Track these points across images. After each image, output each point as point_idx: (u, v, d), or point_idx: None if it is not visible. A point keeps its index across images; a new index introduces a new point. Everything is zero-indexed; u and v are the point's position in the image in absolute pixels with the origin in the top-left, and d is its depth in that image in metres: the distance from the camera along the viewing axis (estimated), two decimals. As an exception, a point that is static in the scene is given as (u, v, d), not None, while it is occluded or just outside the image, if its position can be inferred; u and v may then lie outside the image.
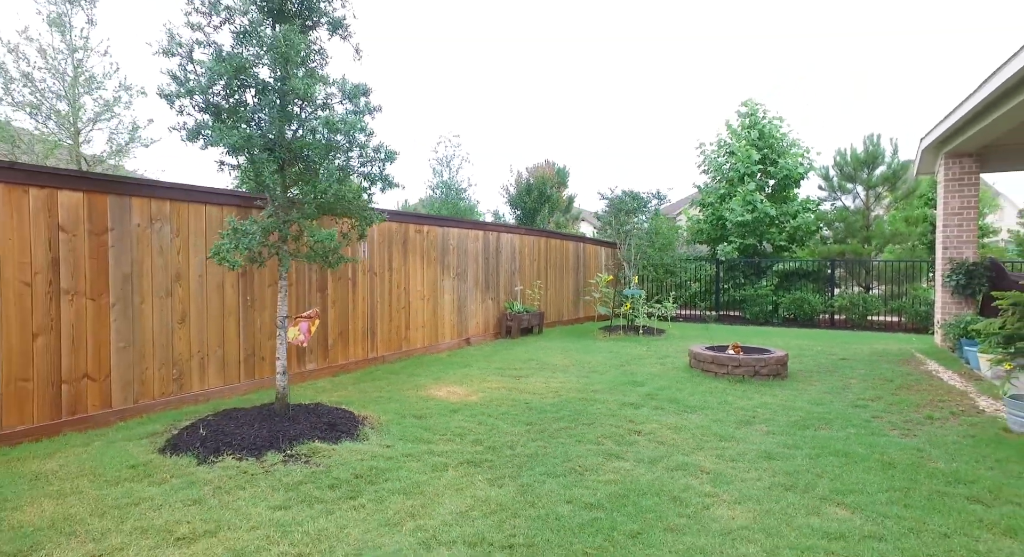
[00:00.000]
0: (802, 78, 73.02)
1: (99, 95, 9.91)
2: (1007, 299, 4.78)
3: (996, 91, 6.67)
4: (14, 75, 9.35)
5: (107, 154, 10.30)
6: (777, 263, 14.99)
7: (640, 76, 76.58)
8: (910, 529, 3.19)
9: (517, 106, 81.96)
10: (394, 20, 46.19)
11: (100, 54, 9.79)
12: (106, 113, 9.98)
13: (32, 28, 10.91)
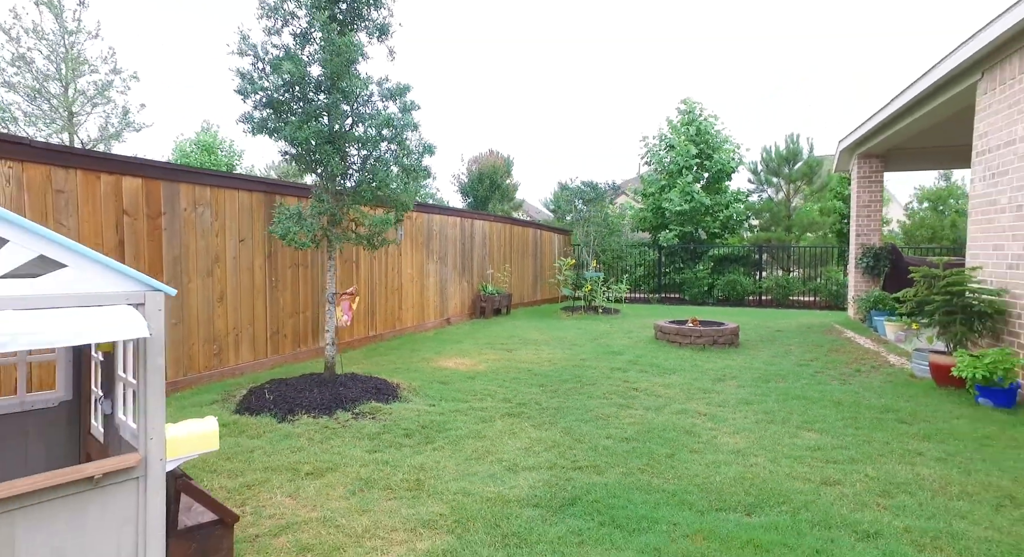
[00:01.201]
0: (805, 79, 77.05)
1: (93, 79, 9.61)
2: (919, 273, 6.08)
3: (900, 108, 8.10)
4: (6, 58, 8.94)
5: (100, 138, 10.01)
6: (712, 249, 16.54)
7: (583, 75, 78.64)
8: (863, 441, 4.28)
9: (462, 98, 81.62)
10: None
11: (92, 36, 9.45)
12: (99, 97, 9.69)
13: (22, 7, 10.24)
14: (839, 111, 54.65)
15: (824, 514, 3.09)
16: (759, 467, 3.79)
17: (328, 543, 2.78)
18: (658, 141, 17.93)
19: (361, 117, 4.84)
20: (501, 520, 3.02)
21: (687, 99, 17.43)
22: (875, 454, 4.03)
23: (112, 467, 2.15)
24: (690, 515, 3.08)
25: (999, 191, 5.93)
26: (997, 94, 6.02)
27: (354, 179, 5.06)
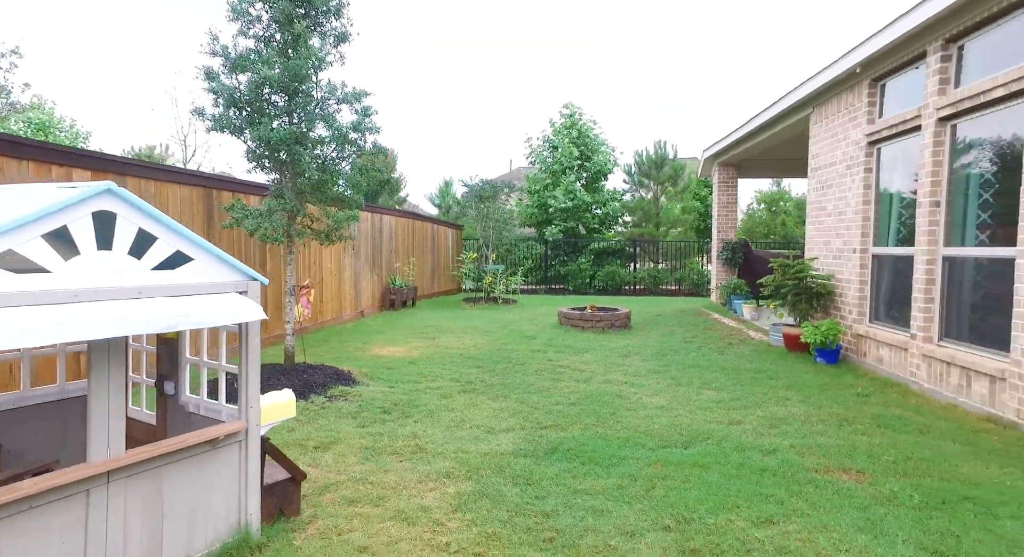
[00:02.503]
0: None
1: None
2: (777, 263, 7.64)
3: (751, 130, 9.86)
4: None
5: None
6: (592, 243, 18.14)
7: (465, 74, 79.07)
8: (748, 393, 5.52)
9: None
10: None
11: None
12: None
13: None
14: (701, 119, 61.18)
15: (737, 442, 4.15)
16: (682, 417, 4.82)
17: (371, 495, 3.27)
18: (542, 142, 19.19)
19: (324, 119, 5.16)
20: (504, 467, 3.69)
21: (569, 103, 18.86)
22: (759, 401, 5.27)
23: (228, 431, 2.53)
24: (645, 452, 3.98)
25: (826, 199, 7.64)
26: (823, 125, 7.73)
27: (314, 178, 5.35)
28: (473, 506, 3.14)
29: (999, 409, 4.56)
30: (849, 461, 3.79)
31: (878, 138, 6.42)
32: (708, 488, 3.35)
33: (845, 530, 2.87)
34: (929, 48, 5.48)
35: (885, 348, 6.17)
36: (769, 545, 2.72)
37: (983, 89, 4.81)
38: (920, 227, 5.58)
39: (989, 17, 4.82)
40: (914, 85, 5.83)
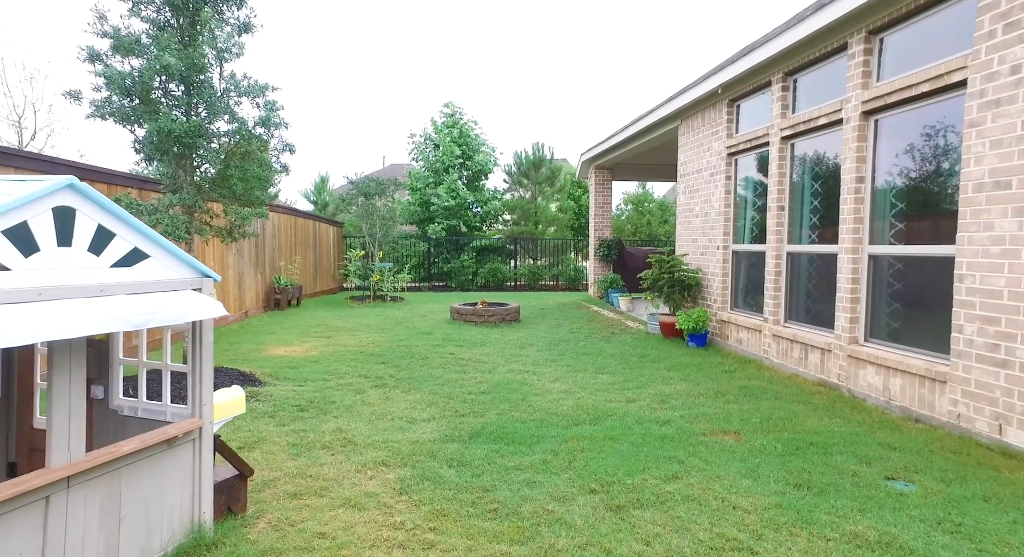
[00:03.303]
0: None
1: None
2: (655, 258, 8.52)
3: (625, 138, 10.82)
4: None
5: None
6: (474, 241, 18.55)
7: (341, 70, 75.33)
8: (637, 375, 6.19)
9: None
10: None
11: None
12: None
13: None
14: (577, 123, 64.42)
15: (636, 417, 4.72)
16: (584, 398, 5.33)
17: (312, 487, 3.34)
18: (423, 139, 19.22)
19: (229, 112, 4.96)
20: (435, 453, 3.91)
21: (450, 103, 19.09)
22: (647, 382, 5.95)
23: (185, 429, 2.51)
24: (560, 430, 4.40)
25: (694, 202, 8.67)
26: (690, 136, 8.76)
27: (215, 173, 5.12)
28: (416, 488, 3.33)
29: (827, 375, 5.60)
30: (727, 425, 4.49)
31: (736, 150, 7.45)
32: (621, 456, 3.83)
33: (732, 477, 3.47)
34: (773, 78, 6.50)
35: (744, 331, 7.20)
36: (678, 495, 3.24)
37: (812, 116, 5.85)
38: (770, 228, 6.61)
39: (812, 60, 5.87)
40: (763, 107, 6.87)
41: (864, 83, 5.14)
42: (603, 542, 2.74)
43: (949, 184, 4.49)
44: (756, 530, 2.84)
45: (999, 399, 3.93)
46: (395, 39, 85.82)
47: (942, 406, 4.36)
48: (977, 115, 4.10)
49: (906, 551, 2.65)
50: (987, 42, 4.04)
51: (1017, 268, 3.81)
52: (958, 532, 2.84)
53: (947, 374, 4.30)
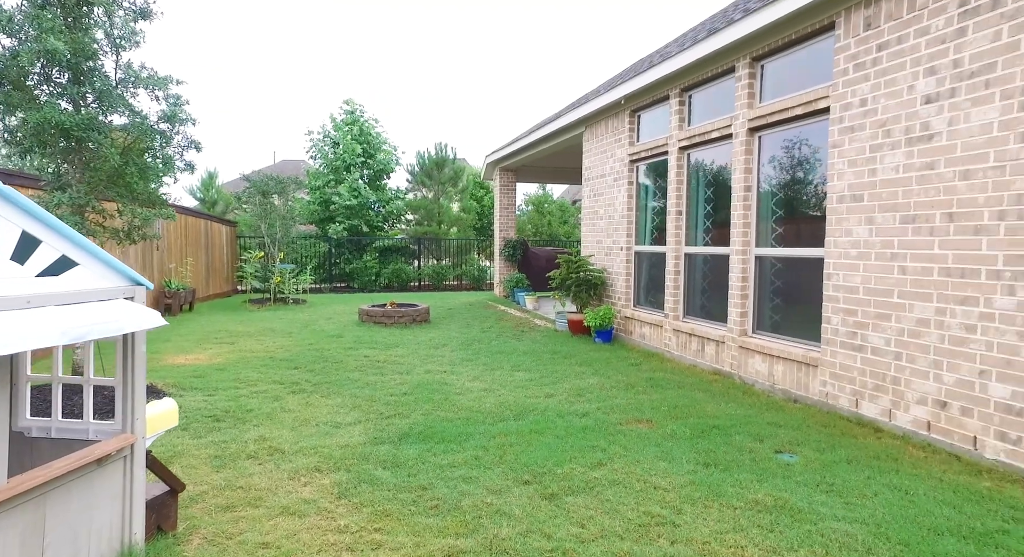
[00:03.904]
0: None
1: None
2: (563, 259, 8.90)
3: (530, 142, 11.19)
4: None
5: None
6: (377, 241, 18.22)
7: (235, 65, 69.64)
8: (551, 371, 6.50)
9: None
10: None
11: None
12: None
13: None
14: (479, 124, 64.50)
15: (557, 411, 4.99)
16: (505, 395, 5.52)
17: (244, 498, 3.25)
18: (322, 137, 18.57)
19: (125, 105, 4.61)
20: (367, 455, 3.92)
21: (350, 100, 18.57)
22: (562, 377, 6.26)
23: (117, 446, 2.39)
24: (486, 427, 4.56)
25: (599, 205, 9.18)
26: (595, 143, 9.25)
27: (107, 170, 4.73)
28: (354, 491, 3.35)
29: (721, 364, 6.21)
30: (640, 414, 4.88)
31: (637, 158, 7.99)
32: (548, 448, 4.06)
33: (650, 461, 3.82)
34: (671, 93, 7.08)
35: (647, 326, 7.76)
36: (605, 480, 3.51)
37: (706, 130, 6.46)
38: (669, 230, 7.19)
39: (706, 79, 6.47)
40: (663, 119, 7.44)
41: (750, 103, 5.76)
42: (542, 528, 2.94)
43: (818, 195, 5.18)
44: (676, 505, 3.17)
45: (856, 378, 4.61)
46: (287, 32, 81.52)
47: (814, 387, 5.02)
48: (838, 138, 4.77)
49: (795, 511, 3.09)
50: (842, 78, 4.71)
51: (869, 268, 4.49)
52: (831, 491, 3.35)
53: (819, 359, 4.96)
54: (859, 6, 4.54)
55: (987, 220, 3.71)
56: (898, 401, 4.27)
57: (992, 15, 3.68)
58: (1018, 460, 3.55)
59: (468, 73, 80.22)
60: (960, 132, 3.84)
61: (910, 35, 4.16)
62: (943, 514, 3.08)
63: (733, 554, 2.69)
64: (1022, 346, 3.52)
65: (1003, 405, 3.62)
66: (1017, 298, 3.56)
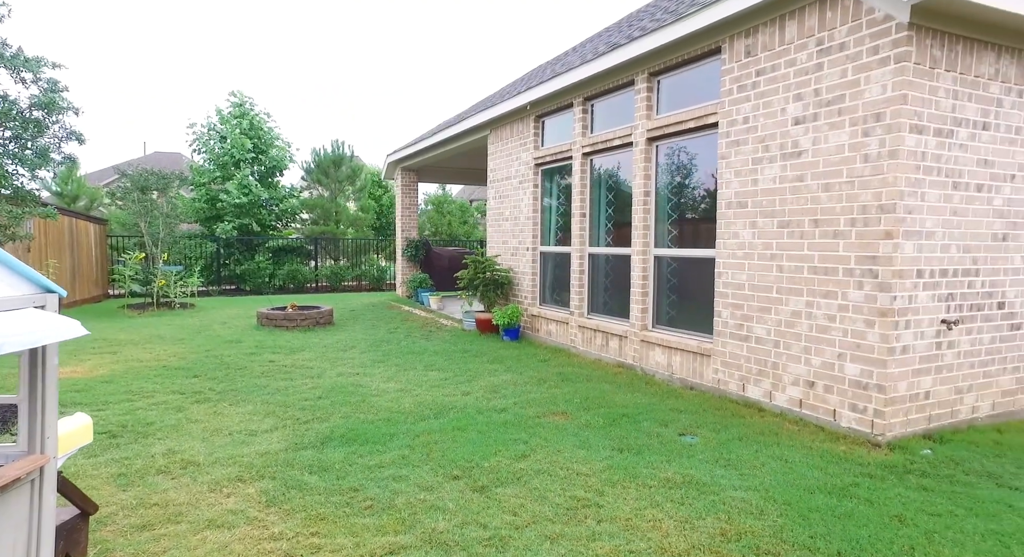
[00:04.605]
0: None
1: None
2: (471, 260, 9.05)
3: (433, 143, 11.25)
4: None
5: None
6: (270, 240, 17.32)
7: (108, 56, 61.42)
8: (464, 370, 6.63)
9: None
10: None
11: None
12: None
13: None
14: (378, 123, 62.27)
15: (475, 407, 5.14)
16: (422, 395, 5.59)
17: (162, 516, 3.09)
18: (207, 130, 17.34)
19: None
20: (291, 461, 3.85)
21: (237, 91, 17.48)
22: (476, 375, 6.42)
23: (27, 469, 2.22)
24: (408, 426, 4.62)
25: (504, 207, 9.43)
26: (500, 146, 9.50)
27: None
28: (283, 498, 3.30)
29: (624, 358, 6.68)
30: (555, 407, 5.16)
31: (542, 162, 8.33)
32: (472, 444, 4.20)
33: (570, 450, 4.08)
34: (575, 101, 7.47)
35: (553, 324, 8.11)
36: (530, 471, 3.72)
37: (608, 138, 6.90)
38: (574, 232, 7.57)
39: (607, 90, 6.91)
40: (567, 125, 7.82)
41: (648, 115, 6.24)
42: (477, 519, 3.08)
43: (709, 201, 5.74)
44: (598, 489, 3.44)
45: (743, 365, 5.19)
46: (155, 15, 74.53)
47: (708, 375, 5.57)
48: (726, 150, 5.33)
49: (700, 484, 3.47)
50: (728, 97, 5.27)
51: (752, 267, 5.08)
52: (728, 465, 3.79)
53: (711, 350, 5.51)
54: (740, 35, 5.11)
55: (843, 226, 4.35)
56: (777, 383, 4.88)
57: (840, 55, 4.32)
58: (864, 426, 4.21)
59: (366, 71, 77.98)
60: (822, 151, 4.47)
61: (781, 65, 4.76)
62: (813, 476, 3.61)
63: (652, 527, 2.99)
64: (868, 332, 4.18)
65: (854, 382, 4.27)
66: (864, 292, 4.21)
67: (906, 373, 4.19)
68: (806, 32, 4.56)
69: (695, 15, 5.24)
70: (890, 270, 4.07)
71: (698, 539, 2.86)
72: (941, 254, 4.30)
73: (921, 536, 2.91)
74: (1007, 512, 3.20)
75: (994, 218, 4.57)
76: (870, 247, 4.17)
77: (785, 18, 4.72)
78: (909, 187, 4.08)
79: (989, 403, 4.70)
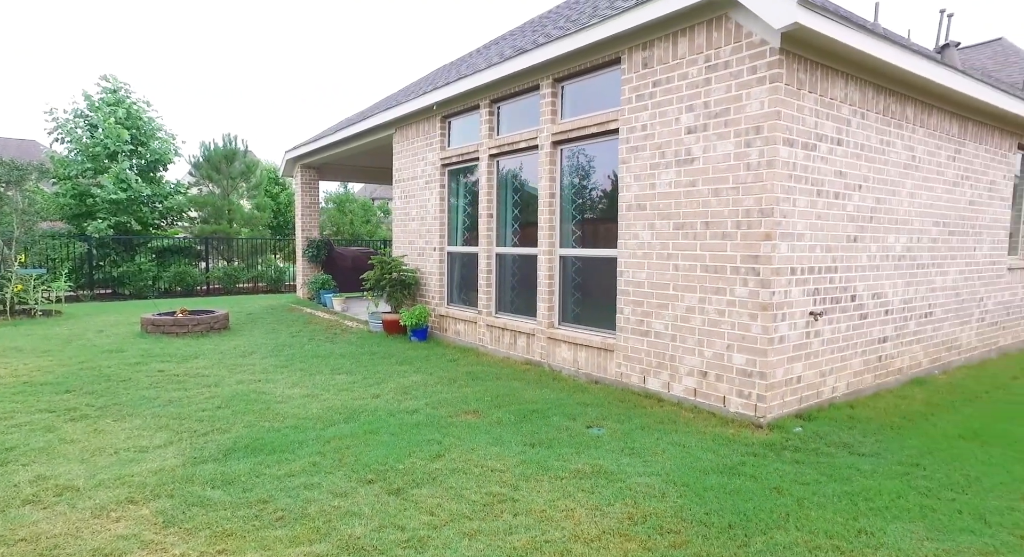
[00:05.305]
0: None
1: None
2: (377, 260, 8.87)
3: (336, 140, 10.94)
4: None
5: None
6: (152, 240, 15.97)
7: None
8: (372, 372, 6.52)
9: None
10: None
11: None
12: None
13: None
14: (275, 117, 58.54)
15: (387, 410, 5.08)
16: (330, 399, 5.44)
17: (35, 550, 2.81)
18: (73, 117, 15.66)
19: None
20: (190, 477, 3.62)
21: (110, 76, 15.91)
22: (385, 377, 6.33)
23: None
24: (318, 432, 4.49)
25: (411, 207, 9.34)
26: (406, 145, 9.40)
27: None
28: (184, 517, 3.11)
29: (532, 355, 6.87)
30: (466, 405, 5.22)
31: (449, 162, 8.34)
32: (385, 446, 4.17)
33: (484, 447, 4.16)
34: (482, 103, 7.56)
35: (461, 323, 8.16)
36: (446, 470, 3.75)
37: (514, 140, 7.05)
38: (481, 232, 7.67)
39: (514, 93, 7.06)
40: (474, 126, 7.89)
41: (553, 119, 6.46)
42: (395, 521, 3.08)
43: (612, 203, 6.04)
44: (513, 483, 3.54)
45: (643, 359, 5.52)
46: None
47: (611, 369, 5.87)
48: (626, 155, 5.64)
49: (608, 473, 3.68)
50: (628, 105, 5.59)
51: (652, 266, 5.42)
52: (633, 454, 4.04)
53: (614, 345, 5.81)
54: (638, 48, 5.43)
55: (730, 228, 4.77)
56: (674, 374, 5.24)
57: (725, 72, 4.73)
58: (749, 410, 4.65)
59: (260, 64, 73.55)
60: (711, 158, 4.86)
61: (675, 77, 5.13)
62: (707, 458, 3.94)
63: (565, 516, 3.13)
64: (752, 324, 4.62)
65: (740, 370, 4.70)
66: (748, 288, 4.64)
67: (782, 360, 4.67)
68: (696, 49, 4.94)
69: (596, 26, 5.50)
70: (769, 268, 4.51)
71: (608, 524, 3.05)
72: (809, 254, 4.83)
73: (794, 503, 3.28)
74: (856, 475, 3.68)
75: (847, 222, 5.20)
76: (752, 247, 4.60)
77: (678, 35, 5.08)
78: (784, 194, 4.55)
79: (844, 383, 5.35)
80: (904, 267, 5.97)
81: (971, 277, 7.12)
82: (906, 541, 2.92)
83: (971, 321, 7.20)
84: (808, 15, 4.15)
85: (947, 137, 6.40)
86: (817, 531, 3.00)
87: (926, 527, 3.07)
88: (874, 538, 2.94)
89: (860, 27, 4.61)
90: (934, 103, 6.08)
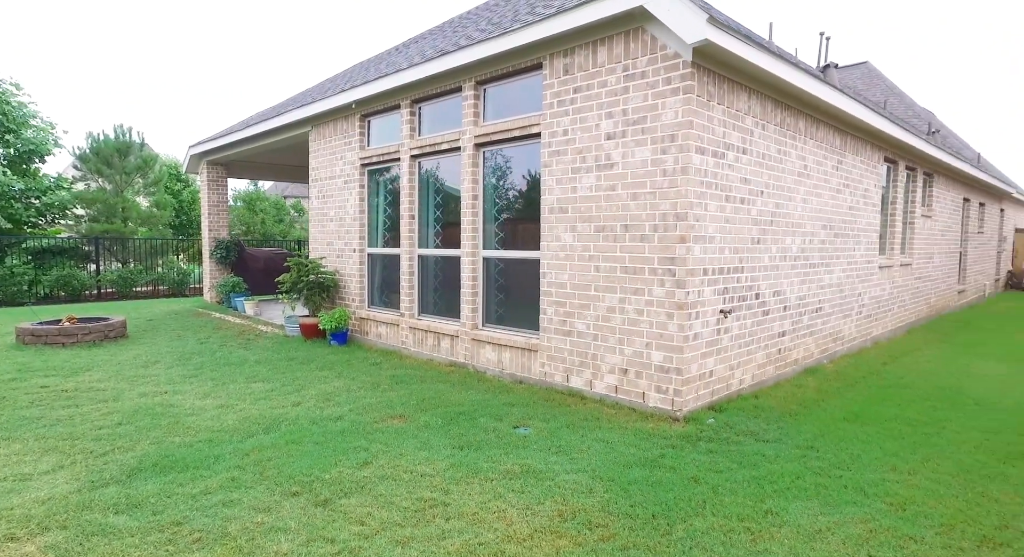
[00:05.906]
0: None
1: None
2: (293, 262, 8.51)
3: (247, 136, 10.41)
4: None
5: None
6: (28, 240, 14.45)
7: None
8: (292, 379, 6.27)
9: None
10: None
11: None
12: None
13: None
14: (176, 109, 53.70)
15: (309, 418, 4.91)
16: (247, 409, 5.18)
17: (-89, 590, 2.49)
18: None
19: None
20: (88, 504, 3.33)
21: (-23, 56, 14.22)
22: (305, 383, 6.11)
23: None
24: (236, 445, 4.26)
25: (328, 207, 9.05)
26: (323, 143, 9.09)
27: None
28: (83, 549, 2.86)
29: (456, 357, 6.87)
30: (392, 410, 5.14)
31: (369, 162, 8.15)
32: (310, 456, 4.03)
33: (412, 452, 4.12)
34: (402, 103, 7.45)
35: (383, 326, 8.01)
36: (374, 477, 3.69)
37: (436, 141, 7.01)
38: (403, 234, 7.56)
39: (435, 94, 7.02)
40: (395, 126, 7.76)
41: (475, 121, 6.48)
42: (323, 534, 2.99)
43: (534, 205, 6.15)
44: (443, 487, 3.54)
45: (567, 358, 5.68)
46: None
47: (535, 368, 5.98)
48: (548, 159, 5.76)
49: (537, 472, 3.76)
50: (550, 110, 5.71)
51: (573, 267, 5.58)
52: (559, 451, 4.15)
53: (538, 345, 5.93)
54: (560, 54, 5.56)
55: (647, 231, 5.00)
56: (596, 372, 5.43)
57: (642, 82, 4.96)
58: (667, 404, 4.90)
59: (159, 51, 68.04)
60: (630, 164, 5.07)
61: (595, 85, 5.30)
62: (629, 452, 4.11)
63: (497, 518, 3.17)
64: (669, 323, 4.87)
65: (658, 366, 4.95)
66: (665, 289, 4.89)
67: (696, 356, 4.96)
68: (615, 58, 5.13)
69: (518, 32, 5.58)
70: (684, 269, 4.77)
71: (540, 523, 3.12)
72: (719, 255, 5.16)
73: (710, 491, 3.50)
74: (762, 460, 3.99)
75: (751, 225, 5.61)
76: (668, 250, 4.85)
77: (597, 44, 5.25)
78: (696, 199, 4.82)
79: (750, 375, 5.76)
80: (799, 267, 6.50)
81: (852, 275, 7.87)
82: (805, 517, 3.20)
83: (852, 315, 7.97)
84: (717, 33, 4.43)
85: (832, 149, 7.04)
86: (731, 515, 3.22)
87: (820, 503, 3.38)
88: (778, 517, 3.20)
89: (760, 46, 4.98)
90: (821, 118, 6.67)
